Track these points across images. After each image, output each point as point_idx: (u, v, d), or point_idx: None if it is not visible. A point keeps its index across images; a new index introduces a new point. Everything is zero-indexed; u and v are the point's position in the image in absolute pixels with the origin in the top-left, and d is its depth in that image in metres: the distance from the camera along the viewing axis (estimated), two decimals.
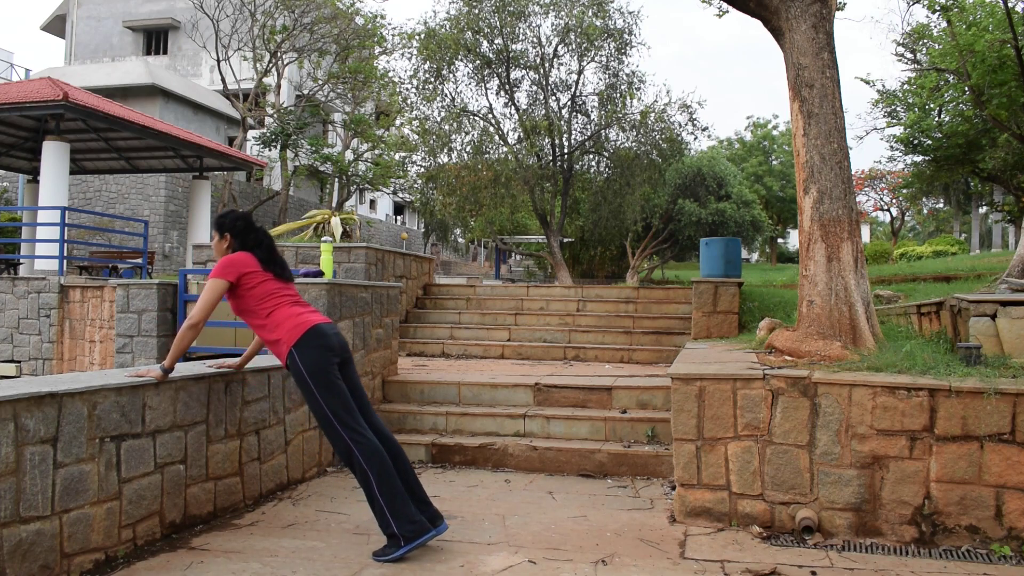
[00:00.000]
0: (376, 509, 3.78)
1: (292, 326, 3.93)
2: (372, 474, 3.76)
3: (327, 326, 4.02)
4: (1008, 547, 3.88)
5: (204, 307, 3.91)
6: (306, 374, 3.85)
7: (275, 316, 3.97)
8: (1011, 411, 3.91)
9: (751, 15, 5.64)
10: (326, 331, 3.98)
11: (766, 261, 46.16)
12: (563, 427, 6.00)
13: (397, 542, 3.71)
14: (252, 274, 4.02)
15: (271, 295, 4.02)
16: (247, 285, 4.00)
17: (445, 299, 11.17)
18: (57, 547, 3.34)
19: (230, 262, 4.01)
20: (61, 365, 10.52)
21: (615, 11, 18.74)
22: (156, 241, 20.63)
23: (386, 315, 6.84)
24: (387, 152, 26.65)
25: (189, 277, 8.61)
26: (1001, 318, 5.12)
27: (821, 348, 4.80)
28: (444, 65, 18.38)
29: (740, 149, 43.58)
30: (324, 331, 3.96)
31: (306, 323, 3.94)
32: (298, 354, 3.87)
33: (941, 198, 37.56)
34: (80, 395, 3.48)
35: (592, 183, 20.59)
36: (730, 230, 23.75)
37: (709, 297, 8.33)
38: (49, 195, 12.75)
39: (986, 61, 14.38)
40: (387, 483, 3.77)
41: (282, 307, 4.01)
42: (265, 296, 4.01)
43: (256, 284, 4.02)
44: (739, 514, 4.29)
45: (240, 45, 22.79)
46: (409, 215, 47.85)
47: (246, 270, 4.01)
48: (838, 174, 5.08)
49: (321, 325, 3.98)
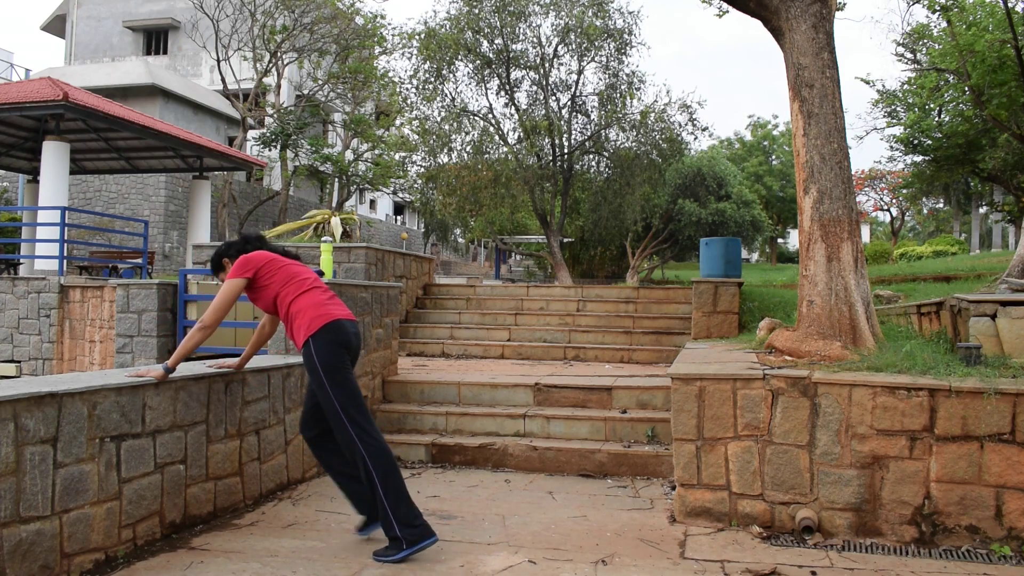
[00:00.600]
0: (380, 511, 3.76)
1: (314, 315, 3.87)
2: (377, 475, 3.74)
3: (349, 323, 3.96)
4: (1008, 547, 3.88)
5: (218, 309, 3.89)
6: (320, 367, 3.81)
7: (300, 301, 3.93)
8: (1011, 411, 3.91)
9: (751, 15, 5.64)
10: (347, 328, 3.93)
11: (766, 261, 46.17)
12: (563, 427, 6.00)
13: (399, 545, 3.69)
14: (270, 263, 4.01)
15: (294, 278, 4.00)
16: (268, 273, 3.98)
17: (445, 299, 11.16)
18: (57, 547, 3.34)
19: (246, 260, 3.99)
20: (61, 365, 10.52)
21: (615, 11, 18.76)
22: (156, 241, 20.63)
23: (386, 315, 6.84)
24: (387, 152, 26.65)
25: (189, 277, 8.62)
26: (1001, 318, 5.12)
27: (821, 348, 4.80)
28: (444, 65, 18.38)
29: (740, 149, 43.58)
30: (345, 327, 3.91)
31: (328, 315, 3.89)
32: (314, 345, 3.82)
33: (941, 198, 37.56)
34: (80, 395, 3.48)
35: (592, 183, 20.59)
36: (730, 230, 23.75)
37: (709, 297, 8.33)
38: (49, 195, 12.75)
39: (986, 61, 14.38)
40: (392, 485, 3.74)
41: (311, 292, 3.97)
42: (289, 279, 3.99)
43: (277, 269, 4.00)
44: (739, 514, 4.29)
45: (240, 45, 22.79)
46: (409, 215, 47.85)
47: (263, 262, 4.00)
48: (838, 174, 5.08)
49: (343, 321, 3.92)
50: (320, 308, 3.90)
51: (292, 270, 4.05)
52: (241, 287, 3.95)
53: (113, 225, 19.79)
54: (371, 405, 6.41)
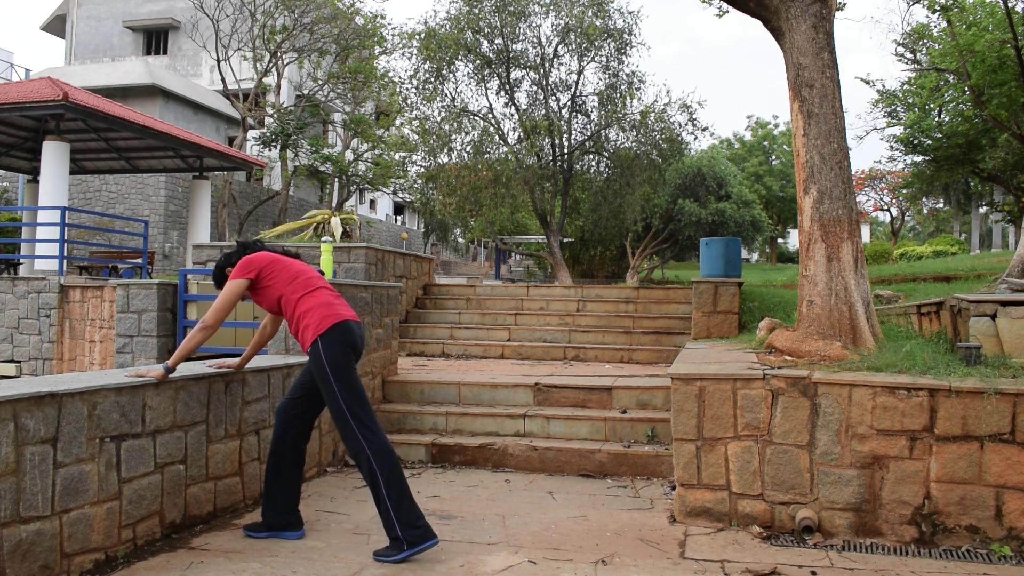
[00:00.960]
0: (382, 510, 3.76)
1: (324, 315, 3.90)
2: (381, 475, 3.75)
3: (356, 325, 4.02)
4: (1008, 547, 3.88)
5: (220, 310, 3.91)
6: (328, 367, 3.84)
7: (309, 300, 3.95)
8: (1011, 411, 3.91)
9: (751, 15, 5.64)
10: (354, 330, 3.98)
11: (766, 261, 46.17)
12: (563, 427, 6.00)
13: (400, 545, 3.69)
14: (273, 263, 4.02)
15: (299, 277, 4.02)
16: (271, 274, 3.99)
17: (445, 299, 11.17)
18: (57, 547, 3.34)
19: (248, 261, 4.00)
20: (61, 365, 10.52)
21: (615, 11, 18.75)
22: (156, 241, 20.64)
23: (386, 315, 6.84)
24: (387, 152, 26.65)
25: (189, 277, 8.62)
26: (1001, 318, 5.12)
27: (821, 348, 4.80)
28: (444, 65, 18.38)
29: (740, 149, 43.58)
30: (352, 329, 3.96)
31: (338, 316, 3.93)
32: (323, 344, 3.85)
33: (941, 198, 37.57)
34: (80, 395, 3.48)
35: (592, 183, 20.59)
36: (730, 230, 23.75)
37: (709, 297, 8.33)
38: (49, 195, 12.75)
39: (986, 61, 14.38)
40: (395, 485, 3.75)
41: (318, 291, 4.00)
42: (294, 278, 4.01)
43: (281, 269, 4.02)
44: (739, 514, 4.29)
45: (240, 45, 22.79)
46: (409, 215, 47.85)
47: (265, 263, 4.01)
48: (838, 174, 5.08)
49: (351, 322, 3.98)
50: (329, 308, 3.94)
51: (296, 269, 4.06)
52: (243, 288, 3.96)
53: (113, 225, 19.79)
54: (371, 405, 6.41)
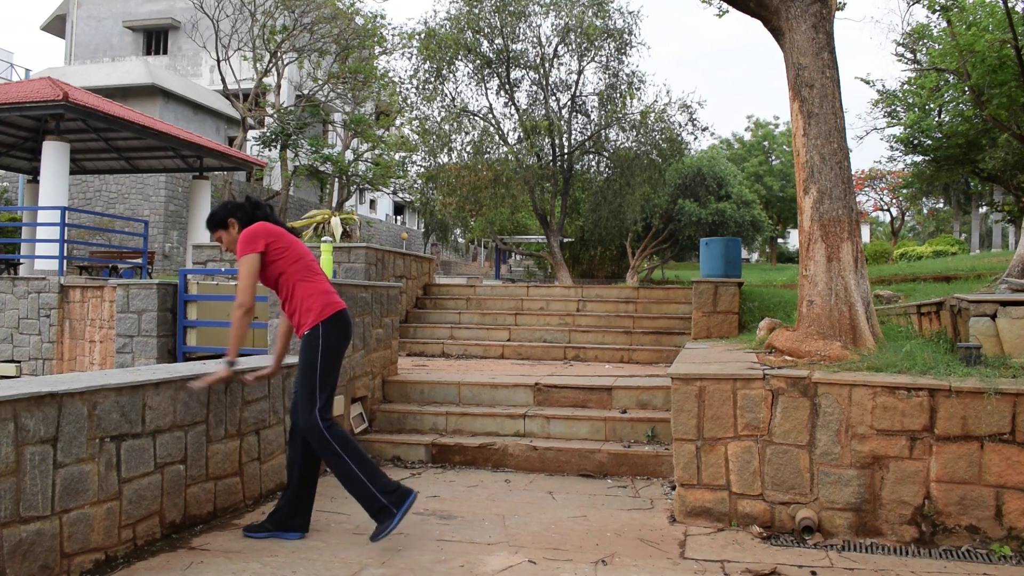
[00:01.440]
0: (360, 490, 3.85)
1: (326, 302, 4.03)
2: (350, 458, 3.87)
3: (350, 314, 4.19)
4: (1008, 547, 3.88)
5: (247, 288, 3.95)
6: (322, 351, 3.95)
7: (310, 285, 4.04)
8: (1011, 411, 3.91)
9: (751, 15, 5.64)
10: (349, 320, 4.15)
11: (766, 261, 46.16)
12: (563, 427, 6.00)
13: (389, 512, 3.79)
14: (279, 237, 4.05)
15: (302, 258, 4.08)
16: (278, 249, 4.01)
17: (445, 299, 11.16)
18: (57, 547, 3.34)
19: (253, 232, 3.99)
20: (61, 365, 10.52)
21: (615, 11, 18.77)
22: (156, 241, 20.64)
23: (386, 315, 6.84)
24: (387, 152, 26.65)
25: (189, 277, 8.62)
26: (1001, 318, 5.12)
27: (821, 348, 4.80)
28: (444, 65, 18.38)
29: (740, 149, 43.58)
30: (349, 320, 4.15)
31: (339, 304, 4.09)
32: (323, 330, 3.97)
33: (941, 198, 37.55)
34: (80, 395, 3.48)
35: (592, 183, 20.59)
36: (730, 230, 23.75)
37: (709, 297, 8.33)
38: (49, 195, 12.75)
39: (986, 61, 14.38)
40: (363, 461, 3.90)
41: (319, 277, 4.10)
42: (298, 259, 4.06)
43: (287, 246, 4.05)
44: (739, 514, 4.29)
45: (240, 45, 22.80)
46: (409, 215, 47.84)
47: (272, 236, 4.02)
48: (838, 174, 5.08)
49: (347, 312, 4.15)
50: (331, 296, 4.09)
51: (299, 250, 4.12)
52: (258, 260, 3.97)
53: (113, 225, 19.79)
54: (371, 405, 6.42)
